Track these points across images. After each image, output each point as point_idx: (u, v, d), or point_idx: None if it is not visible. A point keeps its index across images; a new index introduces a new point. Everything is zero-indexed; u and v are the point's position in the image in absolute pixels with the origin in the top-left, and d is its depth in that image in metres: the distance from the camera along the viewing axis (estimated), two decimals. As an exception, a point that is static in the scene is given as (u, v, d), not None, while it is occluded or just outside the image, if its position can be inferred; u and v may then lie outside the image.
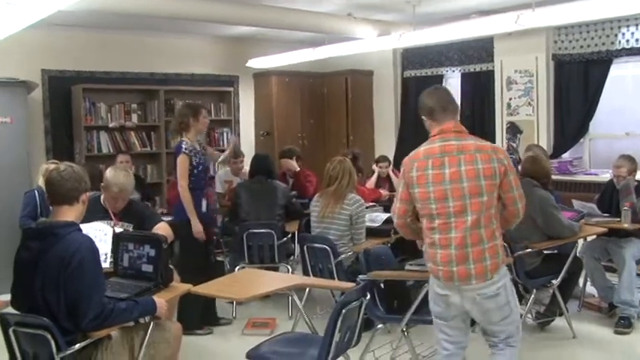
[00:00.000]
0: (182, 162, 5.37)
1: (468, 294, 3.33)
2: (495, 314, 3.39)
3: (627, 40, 7.16)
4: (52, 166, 4.65)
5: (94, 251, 3.24)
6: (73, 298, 3.11)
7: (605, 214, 5.92)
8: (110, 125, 8.27)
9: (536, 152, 6.08)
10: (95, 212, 4.30)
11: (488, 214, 3.31)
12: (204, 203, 5.55)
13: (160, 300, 3.49)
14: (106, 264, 3.81)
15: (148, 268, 3.78)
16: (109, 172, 4.57)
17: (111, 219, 4.45)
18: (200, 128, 5.59)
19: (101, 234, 4.07)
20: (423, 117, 3.54)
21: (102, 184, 4.58)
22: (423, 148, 3.43)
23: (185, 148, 5.39)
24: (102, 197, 4.60)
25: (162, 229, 4.41)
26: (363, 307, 3.64)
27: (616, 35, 7.26)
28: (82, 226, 3.43)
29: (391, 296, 4.44)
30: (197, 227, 5.38)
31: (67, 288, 3.11)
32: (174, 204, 5.73)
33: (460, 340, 3.53)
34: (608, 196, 6.06)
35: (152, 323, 3.53)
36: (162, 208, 7.35)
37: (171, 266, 4.00)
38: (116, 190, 4.49)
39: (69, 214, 3.31)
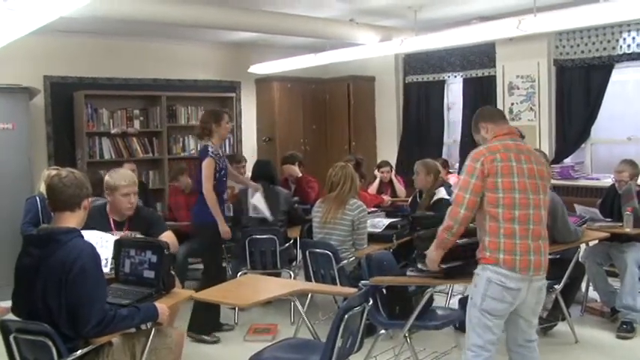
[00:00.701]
0: (208, 165, 5.41)
1: (536, 284, 3.59)
2: (541, 305, 3.74)
3: (628, 45, 7.16)
4: (54, 172, 4.60)
5: (96, 257, 3.23)
6: (75, 304, 3.10)
7: (608, 219, 5.92)
8: (112, 131, 8.28)
9: None
10: (100, 223, 4.28)
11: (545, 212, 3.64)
12: (225, 207, 5.67)
13: (162, 306, 3.48)
14: (106, 269, 3.81)
15: (149, 274, 3.77)
16: (109, 175, 4.50)
17: (112, 230, 4.41)
18: (223, 134, 5.64)
19: (102, 240, 4.04)
20: (482, 123, 3.79)
21: (106, 191, 4.51)
22: (498, 143, 3.61)
23: (211, 152, 5.44)
24: (107, 207, 4.53)
25: (167, 237, 4.39)
26: (366, 312, 3.63)
27: (617, 40, 7.26)
28: (82, 232, 3.43)
29: (393, 302, 4.43)
30: (224, 228, 5.47)
31: (69, 294, 3.10)
32: (194, 207, 5.72)
33: (499, 338, 3.65)
34: (610, 201, 6.06)
35: (154, 329, 3.52)
36: (162, 213, 7.34)
37: (172, 272, 3.99)
38: (125, 184, 4.41)
39: (70, 220, 3.31)
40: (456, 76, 9.01)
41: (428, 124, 9.37)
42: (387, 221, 5.66)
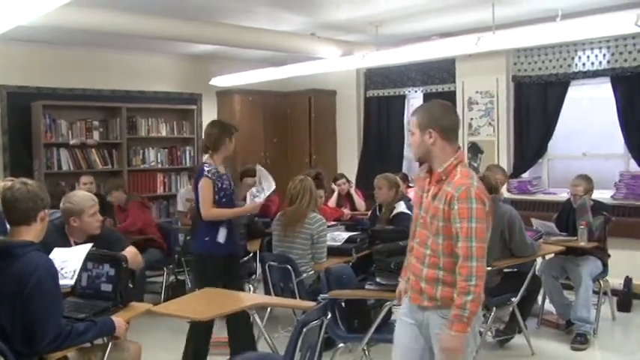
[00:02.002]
0: (204, 187, 4.77)
1: None
2: None
3: (584, 64, 7.33)
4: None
5: (53, 271, 3.17)
6: (30, 320, 3.03)
7: (563, 233, 6.03)
8: (71, 142, 8.18)
9: (485, 174, 6.21)
10: (60, 244, 4.14)
11: None
12: (222, 233, 4.87)
13: (119, 319, 3.43)
14: (71, 281, 3.68)
15: (107, 287, 3.72)
16: (69, 202, 4.23)
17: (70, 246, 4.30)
18: (230, 150, 5.08)
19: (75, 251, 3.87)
20: (432, 130, 3.05)
21: (70, 219, 4.23)
22: (476, 176, 3.11)
23: (207, 172, 4.79)
24: (66, 228, 4.32)
25: (130, 253, 4.31)
26: (324, 326, 3.63)
27: (573, 58, 7.42)
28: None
29: (352, 315, 4.44)
30: (247, 208, 5.14)
31: (24, 309, 3.03)
32: (195, 233, 5.29)
33: None
34: (565, 215, 6.17)
35: (110, 344, 3.48)
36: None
37: (130, 285, 3.95)
38: (92, 203, 4.26)
39: (27, 233, 3.24)
40: (416, 91, 9.10)
41: (388, 138, 9.45)
42: (346, 235, 5.67)
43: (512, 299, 5.36)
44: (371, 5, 6.32)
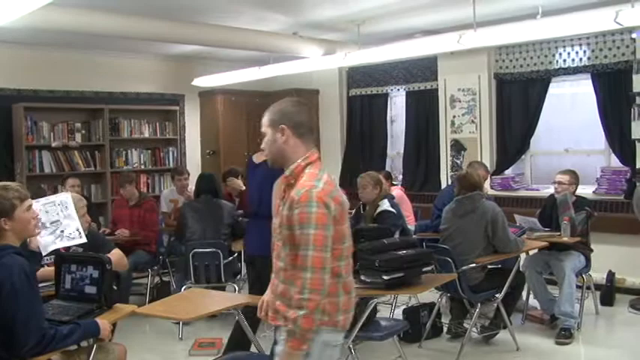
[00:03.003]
0: None
1: None
2: None
3: (564, 60, 7.39)
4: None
5: (28, 274, 3.11)
6: (8, 326, 2.99)
7: (546, 229, 6.08)
8: (53, 144, 8.13)
9: (468, 170, 6.27)
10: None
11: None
12: None
13: (104, 322, 3.42)
14: (82, 239, 3.52)
15: (91, 289, 3.70)
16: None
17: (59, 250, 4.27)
18: None
19: (62, 208, 3.70)
20: (284, 126, 2.77)
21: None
22: (328, 177, 2.74)
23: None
24: None
25: (115, 256, 4.29)
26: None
27: (553, 55, 7.48)
28: (37, 202, 3.26)
29: (337, 313, 4.44)
30: None
31: (1, 315, 2.99)
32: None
33: None
34: (548, 211, 6.22)
35: (95, 346, 3.46)
36: (106, 228, 7.22)
37: (114, 287, 3.93)
38: (83, 204, 4.29)
39: (4, 236, 3.20)
40: (399, 89, 9.13)
41: (371, 136, 9.47)
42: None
43: (497, 295, 5.40)
44: (353, 4, 6.33)
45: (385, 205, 5.92)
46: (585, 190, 6.96)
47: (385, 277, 4.11)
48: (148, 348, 5.61)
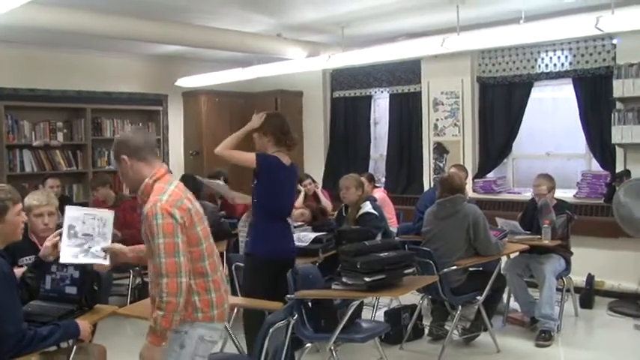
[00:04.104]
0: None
1: None
2: None
3: (546, 65, 7.46)
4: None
5: (7, 275, 3.09)
6: None
7: (527, 232, 6.12)
8: (34, 144, 8.08)
9: (450, 172, 6.31)
10: (22, 247, 4.06)
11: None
12: None
13: (84, 322, 3.40)
14: (105, 261, 3.33)
15: (71, 290, 3.69)
16: (25, 199, 4.18)
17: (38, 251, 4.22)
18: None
19: (99, 224, 3.47)
20: (125, 156, 3.01)
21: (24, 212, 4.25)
22: (175, 188, 3.00)
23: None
24: (28, 229, 4.28)
25: None
26: (291, 326, 3.64)
27: (536, 60, 7.54)
28: (75, 210, 3.28)
29: (319, 315, 4.45)
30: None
31: None
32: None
33: None
34: (529, 214, 6.26)
35: (74, 347, 3.45)
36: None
37: (95, 287, 3.91)
38: (36, 203, 4.23)
39: None
40: (382, 92, 9.15)
41: (355, 138, 9.49)
42: (313, 235, 5.67)
43: (478, 298, 5.42)
44: (337, 6, 6.34)
45: (367, 207, 5.93)
46: (566, 194, 7.02)
47: (367, 279, 4.12)
48: (128, 349, 5.51)
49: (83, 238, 3.31)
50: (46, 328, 3.19)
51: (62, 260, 3.30)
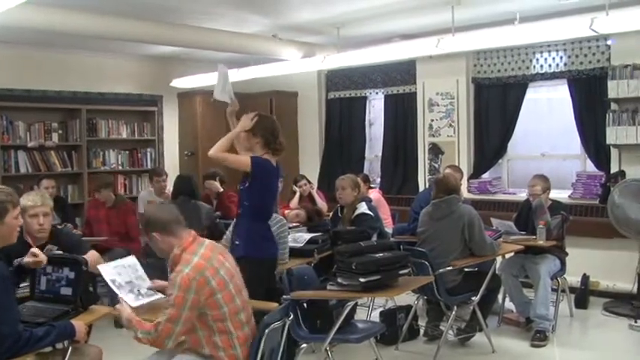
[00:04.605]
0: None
1: None
2: None
3: (541, 66, 7.47)
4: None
5: (1, 277, 3.07)
6: None
7: (522, 232, 6.13)
8: (29, 145, 8.06)
9: (445, 173, 6.33)
10: (16, 248, 4.07)
11: None
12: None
13: (79, 323, 3.38)
14: (158, 295, 3.63)
15: (67, 290, 3.67)
16: (20, 200, 4.26)
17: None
18: None
19: (132, 270, 3.76)
20: (155, 233, 3.34)
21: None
22: (199, 260, 3.24)
23: None
24: (23, 230, 4.20)
25: (91, 256, 4.25)
26: (286, 327, 3.64)
27: (531, 61, 7.56)
28: (106, 267, 3.56)
29: (314, 316, 4.45)
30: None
31: None
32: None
33: None
34: (524, 215, 6.27)
35: (70, 348, 3.44)
36: (78, 231, 7.13)
37: (90, 289, 3.91)
38: (31, 204, 4.19)
39: None
40: (377, 93, 9.16)
41: (350, 139, 9.49)
42: (308, 236, 5.67)
43: (473, 298, 5.43)
44: (332, 7, 6.35)
45: (363, 207, 5.93)
46: (561, 195, 7.04)
47: (362, 280, 4.11)
48: (124, 350, 5.56)
49: (128, 285, 3.58)
50: (42, 329, 3.18)
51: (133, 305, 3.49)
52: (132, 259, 3.79)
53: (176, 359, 3.34)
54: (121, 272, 3.63)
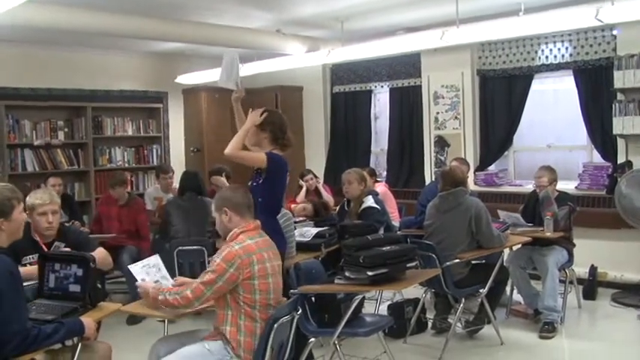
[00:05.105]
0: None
1: None
2: None
3: (547, 57, 7.44)
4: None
5: (10, 276, 3.07)
6: None
7: (529, 224, 6.11)
8: (35, 143, 8.08)
9: (451, 166, 6.33)
10: (25, 246, 4.07)
11: None
12: None
13: (88, 320, 3.39)
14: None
15: (75, 288, 3.68)
16: (28, 195, 4.23)
17: (42, 250, 4.24)
18: None
19: (156, 270, 3.92)
20: (226, 208, 3.58)
21: (27, 212, 4.27)
22: (252, 242, 3.47)
23: None
24: (31, 228, 4.26)
25: (99, 254, 4.26)
26: (295, 321, 3.65)
27: (536, 52, 7.53)
28: (134, 267, 3.74)
29: (322, 310, 4.45)
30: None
31: None
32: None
33: None
34: (531, 207, 6.26)
35: (79, 345, 3.45)
36: (86, 228, 7.14)
37: (99, 285, 3.92)
38: (39, 202, 4.21)
39: None
40: (382, 86, 9.15)
41: (355, 133, 9.48)
42: (315, 230, 5.68)
43: (481, 290, 5.43)
44: (335, 1, 6.34)
45: (369, 201, 5.94)
46: (567, 186, 7.02)
47: (370, 273, 4.11)
48: (134, 346, 5.59)
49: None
50: (50, 326, 3.18)
51: None
52: (155, 259, 3.95)
53: (198, 344, 3.49)
54: (148, 272, 3.81)
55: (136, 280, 3.78)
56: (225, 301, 3.42)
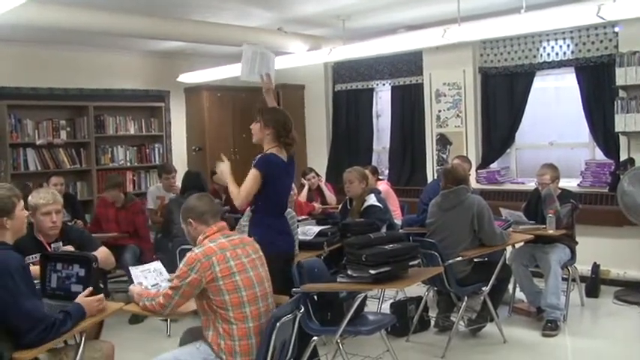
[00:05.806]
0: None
1: None
2: None
3: (548, 54, 7.44)
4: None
5: (24, 269, 3.15)
6: (14, 316, 3.06)
7: (532, 222, 6.11)
8: (38, 142, 8.09)
9: (453, 164, 6.33)
10: (28, 245, 4.08)
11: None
12: None
13: (84, 299, 3.42)
14: None
15: (77, 288, 3.67)
16: (31, 195, 4.26)
17: (45, 250, 4.24)
18: None
19: (157, 274, 4.00)
20: (191, 219, 3.68)
21: (29, 211, 4.14)
22: (213, 244, 3.51)
23: None
24: (34, 229, 4.27)
25: (102, 253, 4.26)
26: (297, 320, 3.65)
27: (538, 49, 7.52)
28: (135, 270, 3.83)
29: (325, 308, 4.46)
30: None
31: (4, 309, 3.03)
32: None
33: None
34: (533, 204, 6.25)
35: (82, 344, 3.45)
36: (88, 227, 7.15)
37: (101, 285, 3.92)
38: (43, 202, 4.21)
39: None
40: (384, 84, 9.14)
41: (357, 131, 9.48)
42: (317, 229, 5.67)
43: (483, 288, 5.43)
44: (337, -1, 6.34)
45: (372, 199, 5.93)
46: (570, 183, 7.03)
47: (372, 272, 4.11)
48: (136, 345, 5.61)
49: (154, 288, 3.81)
50: (60, 315, 3.24)
51: None
52: (157, 264, 4.05)
53: (191, 345, 3.55)
54: (147, 276, 3.89)
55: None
56: (203, 307, 3.49)
